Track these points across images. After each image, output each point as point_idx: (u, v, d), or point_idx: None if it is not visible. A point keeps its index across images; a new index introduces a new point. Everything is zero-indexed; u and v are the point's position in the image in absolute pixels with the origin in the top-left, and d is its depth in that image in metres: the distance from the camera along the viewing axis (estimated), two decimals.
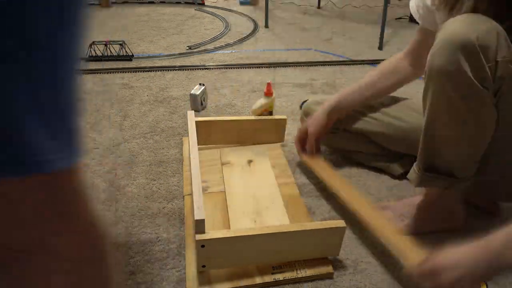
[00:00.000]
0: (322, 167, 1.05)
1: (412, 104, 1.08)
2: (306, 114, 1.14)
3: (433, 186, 0.84)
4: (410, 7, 0.97)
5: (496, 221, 0.94)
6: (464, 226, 0.92)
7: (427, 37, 0.92)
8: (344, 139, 1.13)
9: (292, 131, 1.28)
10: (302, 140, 1.07)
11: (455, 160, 0.81)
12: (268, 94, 1.20)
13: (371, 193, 1.05)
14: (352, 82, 1.69)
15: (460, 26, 0.69)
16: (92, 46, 1.92)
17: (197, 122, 1.10)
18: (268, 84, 1.19)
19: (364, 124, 1.08)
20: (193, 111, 1.12)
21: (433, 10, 0.87)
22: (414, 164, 0.87)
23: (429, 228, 0.90)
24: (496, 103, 0.73)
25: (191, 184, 0.86)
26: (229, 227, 0.90)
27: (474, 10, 0.73)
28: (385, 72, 1.06)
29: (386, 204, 0.96)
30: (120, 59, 1.92)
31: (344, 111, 1.07)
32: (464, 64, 0.68)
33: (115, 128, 1.33)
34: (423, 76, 0.80)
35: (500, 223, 0.95)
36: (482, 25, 0.69)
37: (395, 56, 1.07)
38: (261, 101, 1.21)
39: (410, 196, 1.00)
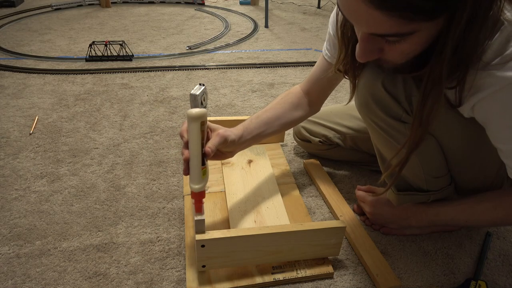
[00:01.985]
0: (318, 173, 1.09)
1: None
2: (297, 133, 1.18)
3: (412, 202, 0.85)
4: (323, 50, 0.92)
5: None
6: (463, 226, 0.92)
7: (328, 69, 0.89)
8: (340, 153, 1.13)
9: (291, 131, 1.28)
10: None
11: (415, 178, 0.81)
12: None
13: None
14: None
15: (368, 76, 0.75)
16: (92, 46, 1.92)
17: None
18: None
19: (350, 137, 1.07)
20: None
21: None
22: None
23: (430, 229, 0.91)
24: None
25: None
26: (229, 227, 0.90)
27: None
28: (289, 107, 0.96)
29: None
30: (120, 59, 1.92)
31: (239, 147, 0.87)
32: (375, 108, 0.75)
33: (115, 128, 1.33)
34: None
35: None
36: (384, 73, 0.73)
37: (295, 92, 0.98)
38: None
39: None
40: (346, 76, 0.80)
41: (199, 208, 0.75)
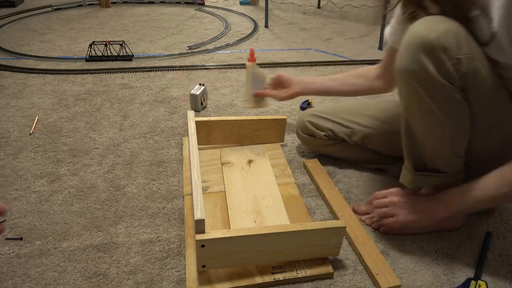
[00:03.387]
0: (318, 173, 1.09)
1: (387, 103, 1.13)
2: (300, 124, 1.18)
3: (426, 184, 0.85)
4: (385, 33, 1.03)
5: (493, 220, 0.95)
6: (464, 225, 0.92)
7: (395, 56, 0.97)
8: (344, 150, 1.13)
9: (292, 131, 1.28)
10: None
11: (437, 156, 0.82)
12: (252, 60, 1.23)
13: (371, 193, 1.04)
14: None
15: (420, 28, 0.72)
16: (92, 46, 1.92)
17: (197, 122, 1.10)
18: (251, 50, 1.23)
19: (359, 134, 1.08)
20: (193, 111, 1.12)
21: (401, 27, 0.88)
22: (403, 166, 0.88)
23: (430, 228, 0.91)
24: (466, 98, 0.75)
25: (191, 184, 0.86)
26: (229, 227, 0.90)
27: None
28: (354, 75, 1.18)
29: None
30: (120, 59, 1.92)
31: (303, 92, 1.20)
32: (426, 62, 0.71)
33: (115, 128, 1.33)
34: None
35: (496, 221, 0.96)
36: (441, 25, 0.72)
37: (370, 67, 1.16)
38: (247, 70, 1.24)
39: None
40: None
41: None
